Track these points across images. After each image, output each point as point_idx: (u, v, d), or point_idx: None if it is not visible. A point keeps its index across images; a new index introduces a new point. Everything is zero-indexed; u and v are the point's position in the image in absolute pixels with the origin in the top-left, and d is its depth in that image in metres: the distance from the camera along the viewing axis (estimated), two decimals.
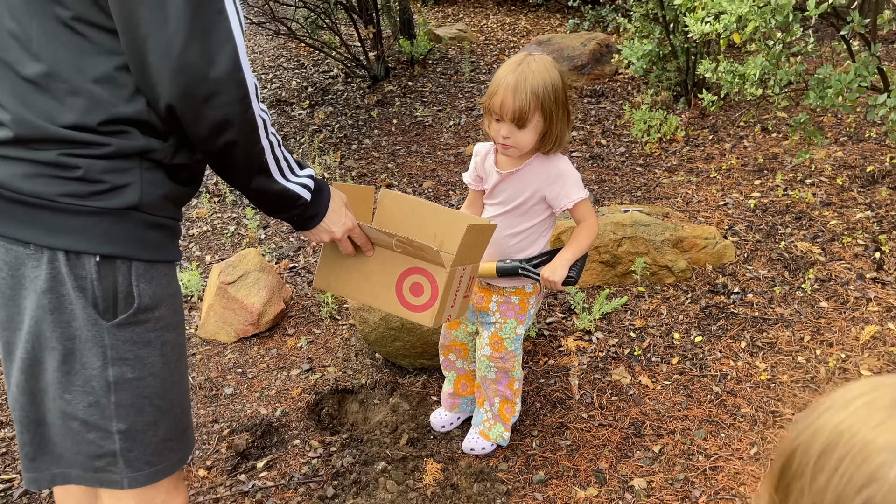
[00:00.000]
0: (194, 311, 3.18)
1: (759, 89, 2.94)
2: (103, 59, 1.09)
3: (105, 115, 1.10)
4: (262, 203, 1.30)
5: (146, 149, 1.14)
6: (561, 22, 7.01)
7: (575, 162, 4.23)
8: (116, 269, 1.15)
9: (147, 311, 1.19)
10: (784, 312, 2.75)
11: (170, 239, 1.24)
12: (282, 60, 6.41)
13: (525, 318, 2.07)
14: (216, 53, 1.05)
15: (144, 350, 1.19)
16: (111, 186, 1.12)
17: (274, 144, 1.22)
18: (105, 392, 1.18)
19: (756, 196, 3.57)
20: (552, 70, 1.78)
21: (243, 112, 1.11)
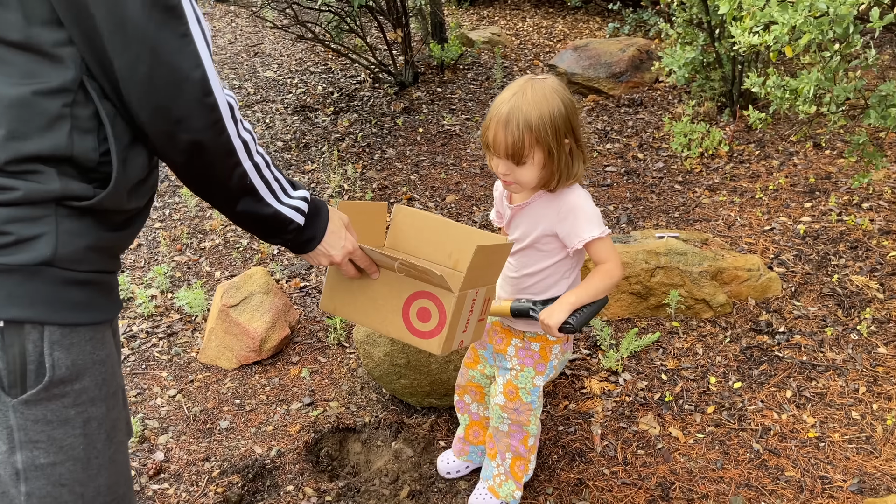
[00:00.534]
0: (197, 333, 3.02)
1: (812, 106, 2.66)
2: (20, 82, 0.93)
3: (14, 150, 0.94)
4: (251, 227, 1.22)
5: (64, 193, 0.97)
6: (600, 26, 6.72)
7: (608, 177, 3.97)
8: (25, 335, 0.97)
9: (64, 383, 1.01)
10: (836, 358, 2.46)
11: (99, 296, 1.06)
12: (309, 64, 6.26)
13: (545, 368, 1.84)
14: (183, 80, 0.97)
15: (60, 430, 1.02)
16: (17, 239, 0.95)
17: (261, 165, 1.15)
18: (14, 481, 1.00)
19: (806, 221, 3.27)
20: (552, 98, 1.56)
21: (216, 136, 1.04)
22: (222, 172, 1.09)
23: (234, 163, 1.09)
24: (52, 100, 0.95)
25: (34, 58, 0.94)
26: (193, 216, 4.00)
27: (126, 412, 1.32)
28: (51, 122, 0.95)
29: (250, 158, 1.12)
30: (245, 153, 1.11)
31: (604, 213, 3.59)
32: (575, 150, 1.62)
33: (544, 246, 1.73)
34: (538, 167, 1.58)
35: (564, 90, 1.61)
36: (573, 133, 1.60)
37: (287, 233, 1.25)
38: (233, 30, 7.32)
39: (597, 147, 4.35)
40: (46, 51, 0.94)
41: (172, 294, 3.26)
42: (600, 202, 3.71)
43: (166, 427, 2.49)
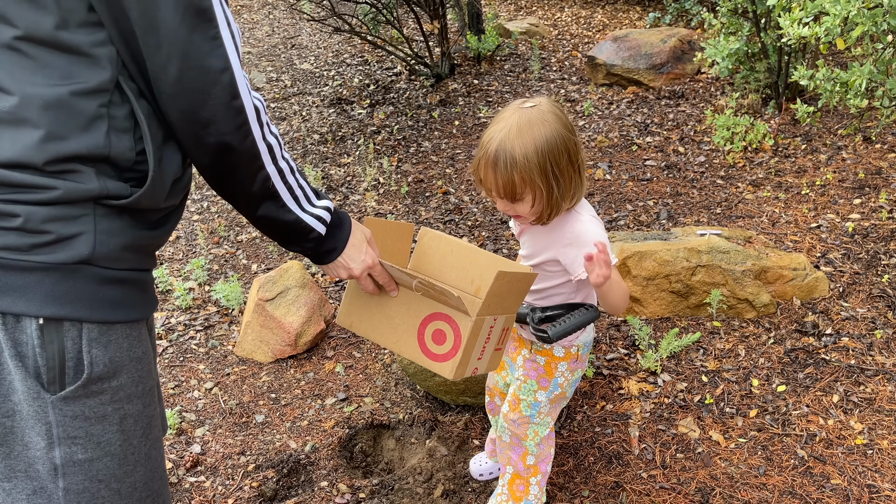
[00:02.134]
0: (234, 326, 3.04)
1: (864, 100, 2.55)
2: (58, 83, 0.93)
3: (53, 151, 0.93)
4: (272, 233, 1.22)
5: (102, 193, 0.98)
6: (640, 15, 6.59)
7: (648, 172, 3.89)
8: (64, 333, 0.98)
9: (101, 380, 1.01)
10: (886, 362, 2.37)
11: (135, 294, 1.07)
12: (345, 56, 6.26)
13: (549, 384, 1.77)
14: (212, 84, 0.98)
15: (98, 426, 1.02)
16: (57, 238, 0.95)
17: (285, 171, 1.14)
18: (52, 477, 1.01)
19: (855, 218, 3.15)
20: (539, 131, 1.47)
21: (242, 139, 1.04)
22: (246, 175, 1.09)
23: (258, 166, 1.09)
24: (89, 100, 0.95)
25: (72, 59, 0.94)
26: (231, 209, 4.04)
27: (161, 408, 1.33)
28: (88, 122, 0.95)
29: (274, 163, 1.12)
30: (269, 157, 1.10)
31: (643, 208, 3.52)
32: (571, 178, 1.52)
33: (550, 268, 1.68)
34: (534, 200, 1.52)
35: (555, 116, 1.50)
36: (568, 161, 1.50)
37: (307, 241, 1.24)
38: (270, 22, 7.36)
39: (636, 140, 4.26)
40: (84, 51, 0.95)
41: (210, 287, 3.29)
42: (639, 197, 3.64)
43: (203, 420, 2.52)
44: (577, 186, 1.55)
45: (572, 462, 2.17)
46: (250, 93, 1.05)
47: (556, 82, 5.24)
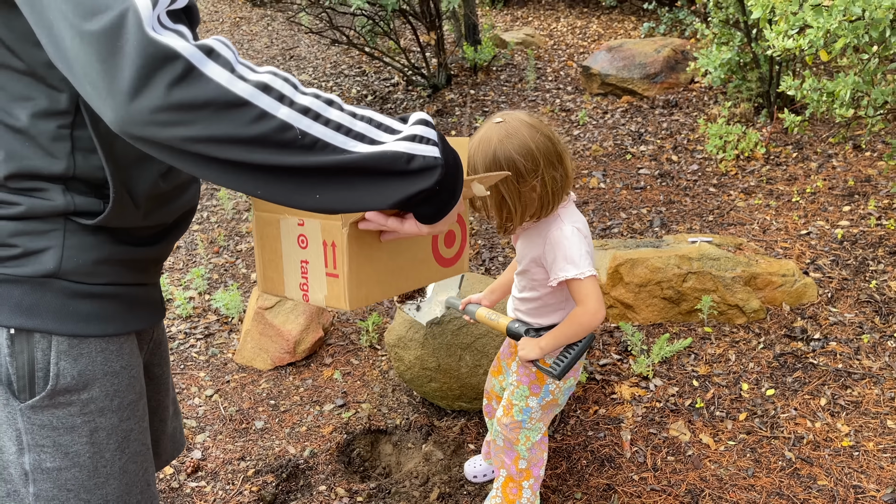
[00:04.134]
0: (234, 334, 3.09)
1: (849, 110, 2.61)
2: (17, 107, 0.94)
3: (14, 168, 0.95)
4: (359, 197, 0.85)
5: (70, 209, 0.98)
6: (635, 25, 6.67)
7: (642, 180, 3.94)
8: (34, 344, 1.00)
9: (69, 392, 1.02)
10: (873, 366, 2.42)
11: (113, 308, 1.06)
12: (343, 67, 6.34)
13: (540, 391, 1.82)
14: None
15: (66, 437, 1.03)
16: (23, 251, 0.97)
17: (313, 107, 0.81)
18: (22, 481, 1.03)
19: (844, 225, 3.21)
20: (498, 144, 1.54)
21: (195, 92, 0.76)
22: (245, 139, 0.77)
23: (255, 115, 0.77)
24: (48, 122, 0.95)
25: (28, 81, 0.94)
26: (230, 219, 4.09)
27: (177, 423, 1.35)
28: (50, 142, 0.95)
29: (284, 101, 0.79)
30: (268, 98, 0.78)
31: (636, 216, 3.58)
32: (534, 188, 1.57)
33: (535, 275, 1.72)
34: (493, 209, 1.60)
35: (519, 132, 1.55)
36: (524, 173, 1.55)
37: (415, 178, 0.87)
38: (269, 34, 7.44)
39: (630, 149, 4.32)
40: (39, 74, 0.94)
41: (210, 295, 3.34)
42: (633, 205, 3.69)
43: (203, 426, 2.56)
44: (545, 196, 1.59)
45: (565, 465, 2.21)
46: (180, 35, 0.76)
47: (552, 92, 5.30)
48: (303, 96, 0.82)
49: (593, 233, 3.50)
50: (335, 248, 1.08)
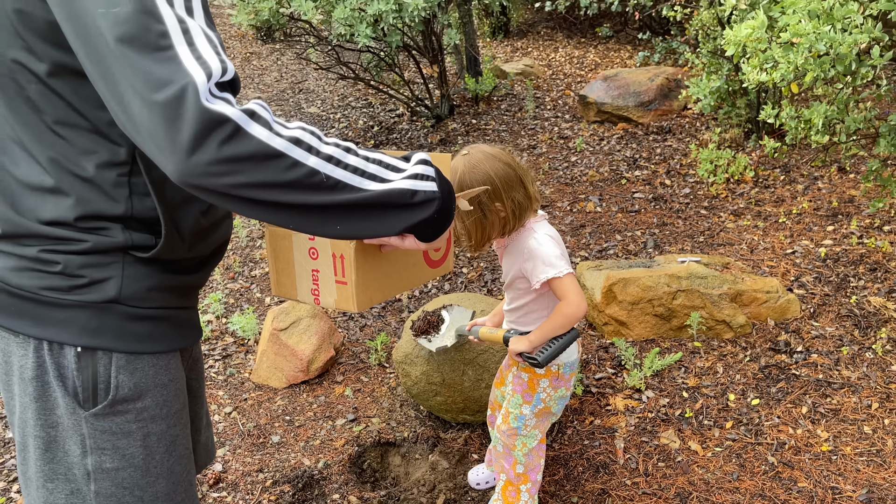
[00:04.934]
0: (250, 355, 3.27)
1: (824, 136, 2.80)
2: (85, 159, 1.11)
3: (82, 211, 1.11)
4: (373, 227, 1.06)
5: (128, 244, 1.15)
6: (631, 54, 6.90)
7: (636, 203, 4.13)
8: (97, 360, 1.15)
9: (126, 402, 1.18)
10: (851, 376, 2.57)
11: (163, 329, 1.23)
12: (350, 100, 6.58)
13: (532, 399, 1.98)
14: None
15: (124, 441, 1.19)
16: (90, 280, 1.13)
17: (336, 156, 1.00)
18: (85, 480, 1.18)
19: (828, 244, 3.38)
20: (460, 175, 1.76)
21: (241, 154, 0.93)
22: (283, 183, 0.95)
23: (289, 164, 0.95)
24: (110, 171, 1.12)
25: (94, 137, 1.10)
26: (245, 246, 4.29)
27: (208, 434, 1.51)
28: (112, 188, 1.12)
29: (315, 153, 0.98)
30: (301, 150, 0.97)
31: (630, 238, 3.75)
32: (498, 211, 1.78)
33: (520, 285, 1.91)
34: (464, 231, 1.81)
35: (484, 161, 1.77)
36: (481, 199, 1.76)
37: (417, 209, 1.08)
38: (278, 68, 7.71)
39: (625, 174, 4.51)
40: (102, 131, 1.09)
41: (227, 319, 3.52)
42: (628, 227, 3.87)
43: (223, 441, 2.73)
44: (509, 216, 1.79)
45: (563, 472, 2.37)
46: (228, 102, 0.94)
47: (550, 120, 5.52)
48: (326, 146, 1.01)
49: (590, 254, 3.68)
50: (343, 259, 1.27)
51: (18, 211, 1.12)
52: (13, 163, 1.13)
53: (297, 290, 1.37)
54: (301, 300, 1.37)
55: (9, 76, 1.09)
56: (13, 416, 1.21)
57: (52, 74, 1.06)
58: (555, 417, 2.11)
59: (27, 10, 1.02)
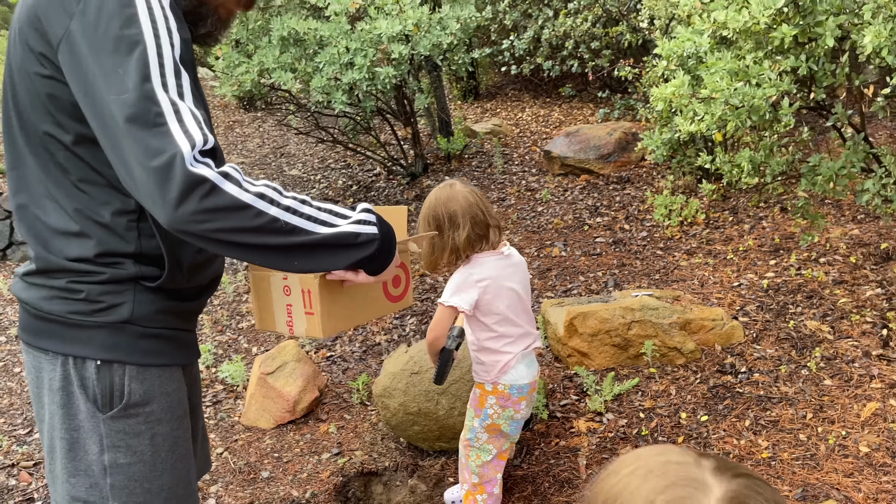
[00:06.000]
0: (239, 401, 3.47)
1: (754, 178, 3.14)
2: (103, 209, 1.37)
3: (101, 249, 1.37)
4: (322, 262, 1.31)
5: (138, 276, 1.39)
6: (593, 111, 7.35)
7: (598, 247, 4.44)
8: (113, 371, 1.38)
9: (137, 406, 1.40)
10: (789, 391, 2.84)
11: (168, 346, 1.45)
12: (330, 162, 6.93)
13: (481, 413, 2.21)
14: None
15: (135, 440, 1.40)
16: (108, 305, 1.37)
17: (294, 206, 1.25)
18: (102, 475, 1.39)
19: (770, 276, 3.69)
20: (427, 203, 2.15)
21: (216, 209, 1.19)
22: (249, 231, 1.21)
23: (254, 213, 1.19)
24: (123, 217, 1.37)
25: (109, 190, 1.36)
26: (231, 301, 4.52)
27: (204, 448, 1.73)
28: (124, 231, 1.37)
29: (276, 205, 1.22)
30: (265, 202, 1.21)
31: (593, 278, 4.05)
32: (441, 240, 2.11)
33: None
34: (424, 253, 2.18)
35: (452, 197, 2.11)
36: (438, 224, 2.11)
37: (361, 247, 1.32)
38: (260, 134, 8.09)
39: (588, 221, 4.84)
40: (115, 185, 1.35)
41: (216, 368, 3.73)
42: (590, 269, 4.17)
43: (216, 479, 2.91)
44: (459, 249, 2.10)
45: (531, 489, 2.58)
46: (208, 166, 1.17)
47: (518, 174, 5.88)
48: (285, 199, 1.28)
49: (556, 295, 3.96)
50: (310, 293, 1.50)
51: (50, 251, 1.38)
52: (46, 214, 1.40)
53: (275, 323, 1.60)
54: (279, 331, 1.61)
55: (42, 145, 1.37)
56: (42, 423, 1.45)
57: (76, 143, 1.34)
58: (512, 438, 2.33)
59: (56, 94, 1.30)
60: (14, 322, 4.91)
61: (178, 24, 1.27)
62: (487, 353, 2.18)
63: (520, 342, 2.20)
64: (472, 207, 2.10)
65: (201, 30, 1.46)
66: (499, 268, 2.15)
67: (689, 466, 0.75)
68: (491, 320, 2.14)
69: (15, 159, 1.43)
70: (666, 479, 0.74)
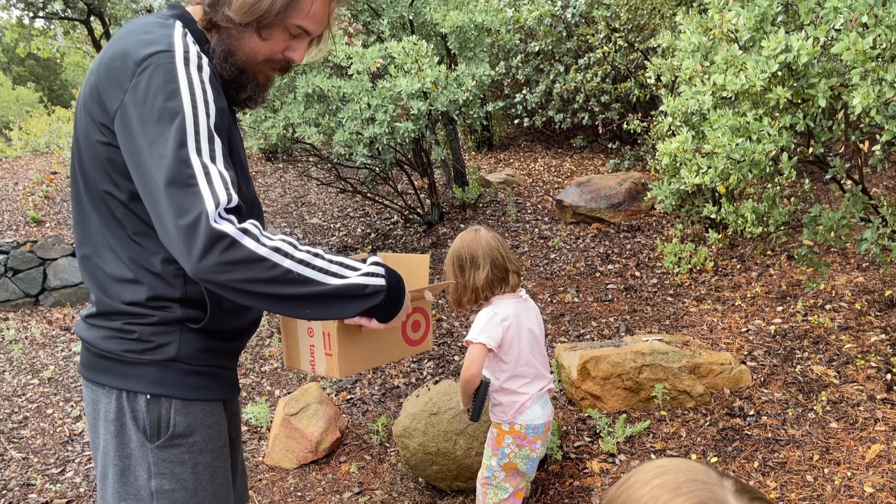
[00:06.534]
0: (263, 441, 3.59)
1: (758, 227, 3.28)
2: (154, 258, 1.53)
3: (152, 294, 1.52)
4: (334, 311, 1.43)
5: (184, 318, 1.54)
6: (603, 161, 7.56)
7: (609, 294, 4.57)
8: (161, 404, 1.52)
9: (181, 437, 1.53)
10: (796, 433, 2.93)
11: (210, 382, 1.59)
12: (349, 210, 7.16)
13: (498, 452, 2.33)
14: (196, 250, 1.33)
15: (179, 468, 1.53)
16: (157, 344, 1.52)
17: (308, 259, 1.38)
18: (150, 499, 1.52)
19: (777, 322, 3.80)
20: (455, 244, 2.33)
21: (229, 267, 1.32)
22: (266, 282, 1.33)
23: (269, 265, 1.32)
24: (171, 265, 1.53)
25: (159, 242, 1.50)
26: (255, 345, 4.67)
27: (242, 480, 1.85)
28: (172, 278, 1.52)
29: (290, 258, 1.35)
30: (281, 256, 1.34)
31: (605, 323, 4.17)
32: (468, 276, 2.29)
33: None
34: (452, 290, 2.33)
35: (477, 241, 2.29)
36: (460, 266, 2.29)
37: (370, 298, 1.42)
38: (282, 184, 8.35)
39: (599, 268, 4.99)
40: None
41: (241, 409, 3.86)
42: (602, 314, 4.30)
43: None
44: (479, 289, 2.26)
45: None
46: (230, 223, 1.31)
47: (531, 223, 6.05)
48: (300, 252, 1.43)
49: (569, 339, 4.08)
50: (330, 336, 1.62)
51: (108, 296, 1.55)
52: (105, 263, 1.58)
53: (300, 361, 1.74)
54: (303, 369, 1.75)
55: (102, 203, 1.56)
56: (97, 451, 1.59)
57: (131, 200, 1.52)
58: (528, 477, 2.44)
59: (114, 158, 1.48)
60: (46, 365, 5.08)
61: (215, 94, 1.45)
62: (505, 394, 2.31)
63: (535, 383, 2.33)
64: (493, 251, 2.26)
65: (242, 95, 1.63)
66: (518, 309, 2.30)
67: (715, 487, 0.81)
68: (510, 360, 2.28)
69: (80, 215, 1.61)
70: (693, 498, 0.80)
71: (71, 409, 4.37)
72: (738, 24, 2.74)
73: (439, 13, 5.46)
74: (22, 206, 7.63)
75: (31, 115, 17.59)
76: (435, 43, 6.04)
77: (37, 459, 3.76)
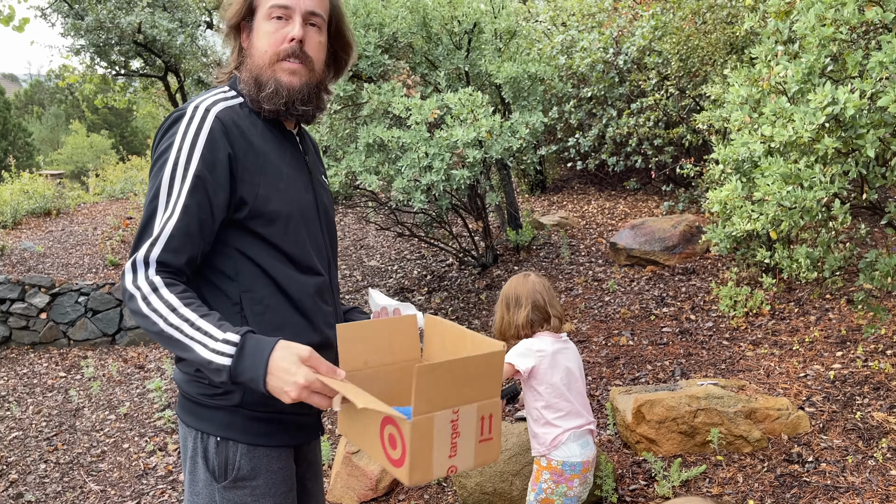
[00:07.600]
0: (325, 479, 3.73)
1: (813, 273, 3.31)
2: (221, 306, 1.66)
3: None
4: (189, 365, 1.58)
5: None
6: (657, 204, 7.59)
7: (664, 337, 4.60)
8: (229, 447, 1.63)
9: (245, 480, 1.63)
10: (855, 481, 2.91)
11: (275, 428, 1.66)
12: (405, 253, 7.37)
13: (536, 487, 2.47)
14: None
15: None
16: (224, 391, 1.63)
17: (163, 313, 1.47)
18: None
19: (836, 367, 3.77)
20: (506, 285, 2.58)
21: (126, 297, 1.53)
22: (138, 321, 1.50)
23: (132, 309, 1.49)
24: (236, 314, 1.64)
25: (218, 289, 1.68)
26: None
27: None
28: (236, 325, 1.62)
29: (148, 305, 1.46)
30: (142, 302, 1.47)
31: (661, 367, 4.20)
32: (513, 313, 2.51)
33: None
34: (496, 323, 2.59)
35: (513, 286, 2.54)
36: (506, 304, 2.54)
37: (217, 373, 1.45)
38: (342, 228, 8.65)
39: (654, 311, 5.02)
40: (215, 282, 1.68)
41: None
42: (657, 358, 4.32)
43: None
44: (520, 325, 2.47)
45: None
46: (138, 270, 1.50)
47: (585, 265, 6.13)
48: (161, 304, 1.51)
49: (624, 383, 4.12)
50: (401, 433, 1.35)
51: None
52: None
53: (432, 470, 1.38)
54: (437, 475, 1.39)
55: None
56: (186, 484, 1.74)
57: None
58: None
59: None
60: (122, 402, 5.37)
61: (210, 146, 1.58)
62: (540, 425, 2.46)
63: (571, 419, 2.45)
64: (536, 294, 2.48)
65: (274, 101, 1.66)
66: (556, 347, 2.51)
67: None
68: (544, 389, 2.47)
69: None
70: None
71: (145, 444, 4.61)
72: (786, 77, 2.83)
73: (494, 65, 5.68)
74: (101, 250, 8.11)
75: (106, 161, 18.61)
76: (490, 93, 6.26)
77: (114, 492, 3.99)
